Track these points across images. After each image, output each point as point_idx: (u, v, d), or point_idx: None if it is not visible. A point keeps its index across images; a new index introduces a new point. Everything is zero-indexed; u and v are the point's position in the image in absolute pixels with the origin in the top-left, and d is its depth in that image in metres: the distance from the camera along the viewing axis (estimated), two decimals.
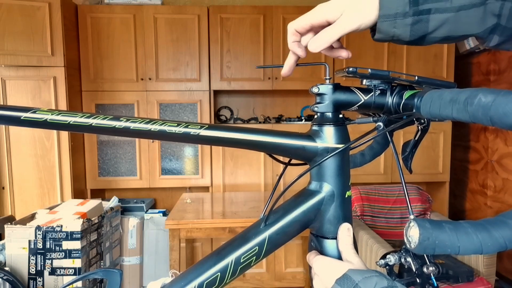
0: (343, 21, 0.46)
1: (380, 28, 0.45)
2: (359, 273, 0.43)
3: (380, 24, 0.45)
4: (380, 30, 0.45)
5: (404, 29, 0.44)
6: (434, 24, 0.44)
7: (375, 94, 0.50)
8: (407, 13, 0.43)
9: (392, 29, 0.45)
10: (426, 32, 0.44)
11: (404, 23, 0.44)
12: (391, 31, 0.45)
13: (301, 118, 3.08)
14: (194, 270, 0.51)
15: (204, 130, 0.50)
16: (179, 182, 2.87)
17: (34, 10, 2.41)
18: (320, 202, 0.51)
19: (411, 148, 0.56)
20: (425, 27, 0.44)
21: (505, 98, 0.33)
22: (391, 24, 0.44)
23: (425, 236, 0.36)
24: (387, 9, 0.44)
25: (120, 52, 2.74)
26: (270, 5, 2.82)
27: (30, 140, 2.50)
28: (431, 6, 0.43)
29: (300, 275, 2.75)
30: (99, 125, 0.49)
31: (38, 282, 2.00)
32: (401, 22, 0.44)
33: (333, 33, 0.47)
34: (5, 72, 2.46)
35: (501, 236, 0.34)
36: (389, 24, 0.44)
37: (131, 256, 2.71)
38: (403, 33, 0.45)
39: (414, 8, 0.43)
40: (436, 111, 0.39)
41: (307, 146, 0.51)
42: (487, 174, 2.85)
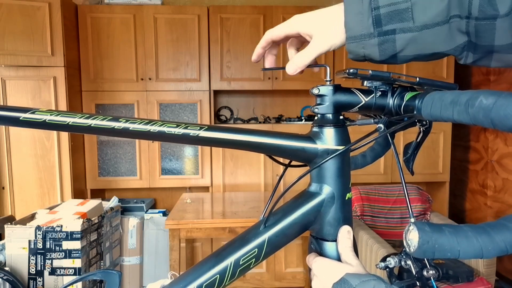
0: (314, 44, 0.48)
1: (349, 49, 0.47)
2: (357, 277, 0.43)
3: (348, 46, 0.46)
4: (350, 51, 0.47)
5: (373, 50, 0.45)
6: (401, 43, 0.44)
7: (376, 95, 0.50)
8: (372, 34, 0.44)
9: (361, 50, 0.46)
10: (395, 51, 0.45)
11: (370, 43, 0.45)
12: (361, 52, 0.46)
13: (301, 118, 3.08)
14: (193, 271, 0.51)
15: (204, 131, 0.50)
16: (179, 182, 2.86)
17: (34, 10, 2.40)
18: (320, 204, 0.51)
19: (413, 150, 0.56)
20: (393, 47, 0.45)
21: (506, 100, 0.32)
22: (359, 45, 0.45)
23: (425, 240, 0.36)
24: (352, 31, 0.45)
25: (120, 52, 2.74)
26: (270, 5, 2.82)
27: (30, 140, 2.50)
28: (395, 27, 0.44)
29: (300, 275, 2.75)
30: (98, 126, 0.49)
31: (38, 282, 2.00)
32: (367, 43, 0.45)
33: (307, 57, 0.50)
34: (5, 72, 2.46)
35: (502, 240, 0.34)
36: (356, 45, 0.46)
37: (131, 256, 2.71)
38: (372, 53, 0.46)
39: (378, 29, 0.44)
40: (437, 112, 0.39)
41: (307, 148, 0.51)
42: (487, 174, 2.85)
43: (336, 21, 0.47)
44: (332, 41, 0.47)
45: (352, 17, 0.45)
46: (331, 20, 0.47)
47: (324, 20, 0.48)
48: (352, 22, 0.45)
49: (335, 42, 0.47)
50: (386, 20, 0.44)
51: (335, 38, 0.47)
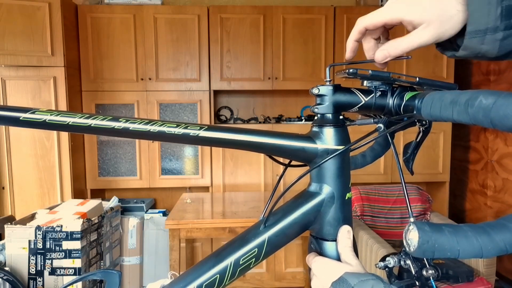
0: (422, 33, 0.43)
1: (467, 45, 0.41)
2: (356, 276, 0.43)
3: (468, 41, 0.41)
4: (467, 47, 0.41)
5: (493, 45, 0.40)
6: None
7: (375, 95, 0.50)
8: (498, 27, 0.39)
9: (480, 46, 0.41)
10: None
11: (494, 38, 0.40)
12: (479, 48, 0.41)
13: (301, 118, 3.08)
14: (193, 271, 0.51)
15: (204, 131, 0.50)
16: (179, 182, 2.86)
17: (34, 10, 2.40)
18: (320, 204, 0.51)
19: (412, 150, 0.56)
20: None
21: (506, 100, 0.32)
22: (480, 41, 0.40)
23: (425, 240, 0.36)
24: (477, 24, 0.40)
25: (120, 52, 2.74)
26: (270, 5, 2.82)
27: (30, 140, 2.50)
28: None
29: (300, 275, 2.75)
30: (98, 126, 0.49)
31: (38, 282, 2.00)
32: (491, 37, 0.40)
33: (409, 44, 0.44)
34: (5, 72, 2.46)
35: (501, 239, 0.34)
36: (478, 40, 0.40)
37: (131, 256, 2.71)
38: (492, 49, 0.41)
39: (505, 22, 0.39)
40: (436, 112, 0.39)
41: (307, 148, 0.51)
42: (487, 174, 2.85)
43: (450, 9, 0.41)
44: (444, 33, 0.42)
45: (478, 7, 0.39)
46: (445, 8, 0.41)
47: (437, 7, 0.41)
48: (477, 14, 0.39)
49: (445, 34, 0.42)
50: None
51: (448, 29, 0.41)
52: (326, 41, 2.82)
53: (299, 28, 2.80)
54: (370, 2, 3.04)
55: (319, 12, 2.79)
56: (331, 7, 2.82)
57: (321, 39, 2.81)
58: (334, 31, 2.82)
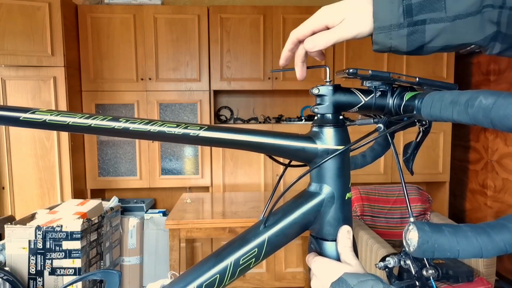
0: (341, 29, 0.47)
1: (376, 40, 0.45)
2: (355, 276, 0.43)
3: (376, 36, 0.45)
4: (377, 41, 0.46)
5: (401, 40, 0.44)
6: (430, 34, 0.43)
7: (375, 95, 0.50)
8: (402, 24, 0.43)
9: (388, 41, 0.45)
10: (423, 42, 0.44)
11: (399, 34, 0.44)
12: (388, 43, 0.45)
13: (301, 118, 3.08)
14: (193, 271, 0.51)
15: (204, 131, 0.50)
16: (179, 182, 2.86)
17: (34, 10, 2.40)
18: (320, 204, 0.51)
19: (412, 150, 0.56)
20: (422, 38, 0.44)
21: (506, 100, 0.32)
22: (387, 36, 0.44)
23: (424, 240, 0.36)
24: (381, 21, 0.44)
25: (120, 52, 2.74)
26: (270, 5, 2.82)
27: (30, 140, 2.50)
28: (426, 17, 0.43)
29: (300, 275, 2.75)
30: (98, 126, 0.49)
31: (38, 282, 2.00)
32: (396, 33, 0.44)
33: (330, 38, 0.48)
34: (5, 72, 2.46)
35: (501, 239, 0.34)
36: (384, 35, 0.45)
37: (131, 256, 2.71)
38: (400, 44, 0.45)
39: (408, 19, 0.43)
40: (436, 113, 0.39)
41: (307, 148, 0.51)
42: (487, 174, 2.85)
43: (364, 10, 0.46)
44: (359, 29, 0.46)
45: (381, 6, 0.44)
46: (359, 8, 0.46)
47: (352, 9, 0.46)
48: (381, 12, 0.44)
49: (362, 30, 0.46)
50: (417, 10, 0.43)
51: (363, 26, 0.46)
52: None
53: None
54: None
55: None
56: None
57: None
58: None
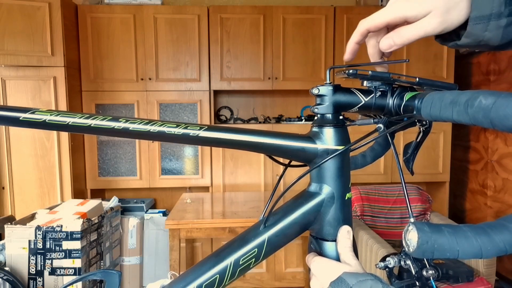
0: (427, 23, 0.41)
1: (470, 32, 0.40)
2: (354, 276, 0.42)
3: (471, 28, 0.40)
4: (471, 34, 0.40)
5: (497, 32, 0.39)
6: None
7: (375, 95, 0.50)
8: (502, 13, 0.38)
9: (483, 33, 0.40)
10: None
11: (498, 25, 0.39)
12: (482, 35, 0.40)
13: (301, 118, 3.08)
14: (192, 271, 0.51)
15: (204, 131, 0.50)
16: (179, 182, 2.86)
17: (34, 10, 2.40)
18: (320, 204, 0.51)
19: (412, 150, 0.56)
20: None
21: (506, 100, 0.32)
22: (484, 27, 0.39)
23: (424, 240, 0.36)
24: (480, 9, 0.39)
25: (120, 52, 2.74)
26: (270, 5, 2.82)
27: (30, 140, 2.50)
28: None
29: (300, 275, 2.75)
30: (98, 126, 0.49)
31: (38, 282, 2.00)
32: (494, 24, 0.39)
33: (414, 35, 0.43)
34: (5, 72, 2.46)
35: (501, 240, 0.34)
36: (481, 27, 0.39)
37: (131, 256, 2.71)
38: (494, 36, 0.39)
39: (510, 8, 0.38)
40: (436, 113, 0.39)
41: (307, 148, 0.51)
42: (487, 174, 2.85)
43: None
44: (451, 20, 0.40)
45: None
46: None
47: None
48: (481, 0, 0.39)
49: (453, 22, 0.40)
50: None
51: (454, 16, 0.40)
52: (326, 41, 2.82)
53: (299, 28, 2.80)
54: (370, 2, 3.04)
55: (319, 12, 2.79)
56: (331, 7, 2.82)
57: (321, 39, 2.81)
58: (334, 31, 2.82)
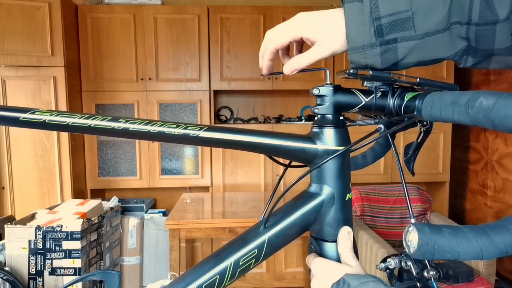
0: (316, 50, 0.49)
1: (351, 60, 0.47)
2: (356, 278, 0.42)
3: (350, 56, 0.47)
4: (352, 61, 0.47)
5: (375, 59, 0.46)
6: (402, 51, 0.45)
7: (376, 96, 0.50)
8: (374, 44, 0.45)
9: (363, 59, 0.46)
10: (397, 59, 0.46)
11: (373, 53, 0.45)
12: (363, 61, 0.46)
13: (301, 118, 3.08)
14: (192, 272, 0.51)
15: (204, 131, 0.50)
16: (179, 182, 2.86)
17: (34, 10, 2.40)
18: (320, 205, 0.51)
19: (413, 150, 0.56)
20: (395, 55, 0.45)
21: (506, 101, 0.32)
22: (361, 55, 0.46)
23: (424, 241, 0.36)
24: (354, 42, 0.46)
25: (120, 52, 2.74)
26: (270, 5, 2.82)
27: (30, 140, 2.50)
28: (397, 36, 0.44)
29: (300, 275, 2.75)
30: (98, 126, 0.49)
31: (38, 282, 2.00)
32: (370, 52, 0.45)
33: (306, 60, 0.50)
34: (5, 72, 2.46)
35: (502, 241, 0.34)
36: (359, 55, 0.46)
37: (131, 256, 2.71)
38: (375, 62, 0.46)
39: (380, 39, 0.45)
40: (437, 113, 0.39)
41: (307, 148, 0.51)
42: (487, 174, 2.85)
43: (338, 28, 0.47)
44: (334, 47, 0.48)
45: (353, 27, 0.45)
46: (333, 26, 0.47)
47: (326, 26, 0.48)
48: (353, 33, 0.45)
49: (336, 49, 0.48)
50: (388, 30, 0.44)
51: (337, 45, 0.48)
52: None
53: None
54: None
55: None
56: (331, 7, 2.81)
57: None
58: None
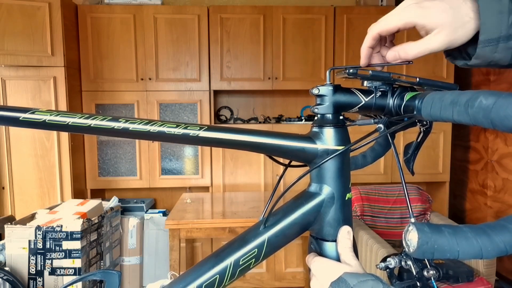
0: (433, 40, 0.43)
1: (480, 54, 0.41)
2: (355, 276, 0.42)
3: (481, 50, 0.41)
4: (480, 55, 0.42)
5: (506, 53, 0.41)
6: None
7: (376, 95, 0.50)
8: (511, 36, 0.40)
9: (492, 54, 0.41)
10: None
11: (507, 46, 0.40)
12: (491, 57, 0.41)
13: (301, 118, 3.08)
14: (192, 272, 0.51)
15: (203, 131, 0.50)
16: (179, 182, 2.86)
17: (34, 10, 2.40)
18: (320, 205, 0.51)
19: (413, 150, 0.56)
20: None
21: (506, 100, 0.32)
22: (493, 49, 0.41)
23: (424, 241, 0.36)
24: (489, 33, 0.40)
25: (120, 52, 2.74)
26: (270, 5, 2.82)
27: (30, 140, 2.50)
28: None
29: (300, 275, 2.75)
30: (98, 126, 0.49)
31: (38, 282, 2.00)
32: (503, 46, 0.40)
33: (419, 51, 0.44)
34: (5, 72, 2.46)
35: (501, 240, 0.34)
36: (491, 49, 0.41)
37: (131, 256, 2.71)
38: (504, 57, 0.41)
39: None
40: (436, 113, 0.39)
41: (307, 148, 0.51)
42: (487, 174, 2.85)
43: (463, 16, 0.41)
44: (456, 39, 0.42)
45: (490, 16, 0.40)
46: (458, 14, 0.41)
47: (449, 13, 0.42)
48: (490, 22, 0.40)
49: (457, 41, 0.42)
50: None
51: (460, 36, 0.42)
52: (326, 41, 2.82)
53: (299, 28, 2.80)
54: (370, 2, 3.04)
55: (319, 12, 2.79)
56: (331, 7, 2.81)
57: (321, 39, 2.81)
58: (334, 31, 2.82)
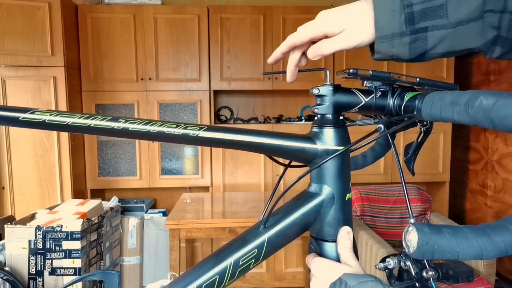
0: (342, 38, 0.47)
1: (378, 49, 0.45)
2: (354, 277, 0.42)
3: (378, 45, 0.45)
4: (379, 50, 0.45)
5: (403, 49, 0.44)
6: (432, 41, 0.43)
7: (376, 95, 0.50)
8: (404, 32, 0.43)
9: (390, 49, 0.45)
10: (425, 49, 0.44)
11: (401, 42, 0.44)
12: (390, 51, 0.45)
13: (301, 118, 3.08)
14: (192, 272, 0.51)
15: (203, 131, 0.50)
16: (179, 182, 2.86)
17: (34, 10, 2.40)
18: (320, 205, 0.51)
19: (413, 150, 0.56)
20: (424, 45, 0.44)
21: (506, 100, 0.32)
22: (389, 45, 0.44)
23: (424, 241, 0.36)
24: (383, 30, 0.44)
25: (120, 52, 2.74)
26: (270, 5, 2.82)
27: (30, 140, 2.50)
28: (428, 24, 0.42)
29: (300, 275, 2.75)
30: (97, 126, 0.49)
31: (38, 282, 2.00)
32: (398, 41, 0.44)
33: (331, 48, 0.48)
34: (5, 72, 2.46)
35: (501, 241, 0.34)
36: (387, 44, 0.44)
37: (131, 256, 2.71)
38: (402, 52, 0.44)
39: (410, 27, 0.43)
40: (437, 113, 0.39)
41: (307, 148, 0.51)
42: (487, 174, 2.85)
43: (365, 19, 0.45)
44: (361, 38, 0.46)
45: (383, 15, 0.43)
46: (360, 17, 0.45)
47: (353, 17, 0.46)
48: (383, 20, 0.44)
49: (363, 40, 0.46)
50: (419, 18, 0.42)
51: (364, 36, 0.46)
52: None
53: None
54: None
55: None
56: (331, 7, 2.81)
57: None
58: None
